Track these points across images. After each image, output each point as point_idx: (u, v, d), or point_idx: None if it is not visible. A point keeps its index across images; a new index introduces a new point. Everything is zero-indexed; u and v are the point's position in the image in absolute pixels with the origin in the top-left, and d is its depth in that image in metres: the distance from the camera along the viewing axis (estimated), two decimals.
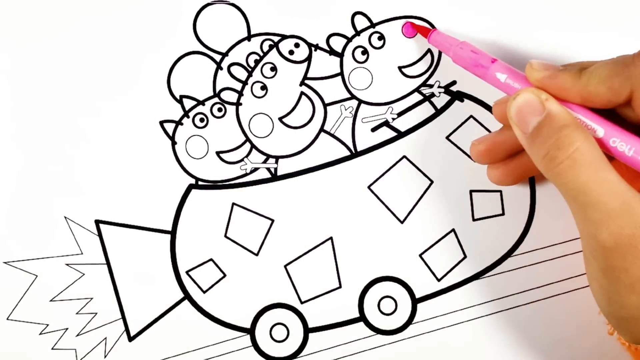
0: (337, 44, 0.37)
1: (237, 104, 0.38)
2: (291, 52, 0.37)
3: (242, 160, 0.38)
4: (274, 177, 0.38)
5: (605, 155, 0.28)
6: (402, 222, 0.37)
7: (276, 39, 0.37)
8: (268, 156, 0.38)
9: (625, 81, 0.28)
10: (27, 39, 0.37)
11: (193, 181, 0.38)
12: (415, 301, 0.38)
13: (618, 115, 0.30)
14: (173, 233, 0.38)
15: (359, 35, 0.37)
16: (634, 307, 0.28)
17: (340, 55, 0.37)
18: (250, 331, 0.38)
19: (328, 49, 0.37)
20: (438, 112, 0.37)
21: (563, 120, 0.28)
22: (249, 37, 0.37)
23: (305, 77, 0.37)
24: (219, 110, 0.37)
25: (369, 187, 0.37)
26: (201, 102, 0.37)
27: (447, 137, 0.37)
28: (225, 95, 0.37)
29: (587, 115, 0.29)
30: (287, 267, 0.38)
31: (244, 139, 0.38)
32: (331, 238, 0.38)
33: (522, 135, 0.29)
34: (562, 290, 0.37)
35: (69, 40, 0.37)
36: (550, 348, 0.37)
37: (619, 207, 0.27)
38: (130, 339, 0.38)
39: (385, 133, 0.37)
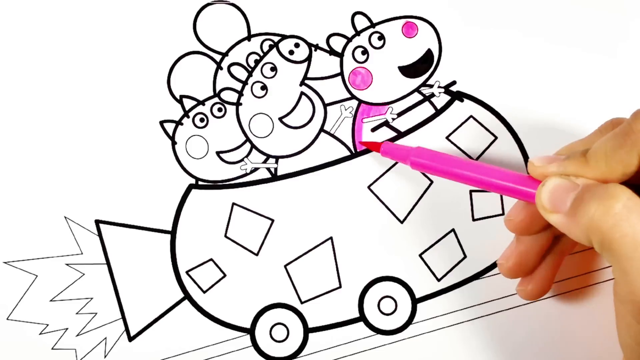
0: (337, 44, 0.37)
1: (237, 104, 0.38)
2: (291, 52, 0.37)
3: (242, 160, 0.38)
4: (274, 177, 0.38)
5: None
6: (402, 222, 0.37)
7: (276, 39, 0.37)
8: (268, 156, 0.38)
9: (631, 150, 0.27)
10: (27, 39, 0.37)
11: (193, 181, 0.38)
12: (415, 301, 0.38)
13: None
14: (173, 233, 0.38)
15: (359, 35, 0.37)
16: None
17: (340, 55, 0.37)
18: (250, 331, 0.38)
19: (328, 49, 0.37)
20: (438, 112, 0.37)
21: (601, 185, 0.28)
22: (249, 37, 0.37)
23: (305, 77, 0.37)
24: (219, 110, 0.37)
25: (369, 187, 0.37)
26: (201, 102, 0.37)
27: (447, 137, 0.37)
28: (225, 95, 0.37)
29: None
30: (287, 267, 0.38)
31: (244, 139, 0.38)
32: (331, 238, 0.38)
33: (558, 216, 0.29)
34: (562, 290, 0.37)
35: (69, 39, 0.37)
36: (550, 348, 0.37)
37: None
38: (130, 339, 0.38)
39: (385, 133, 0.37)
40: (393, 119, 0.37)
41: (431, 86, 0.37)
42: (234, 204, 0.38)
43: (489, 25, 0.37)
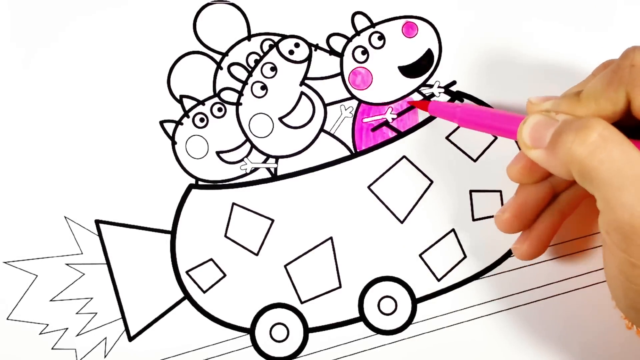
0: (337, 43, 0.37)
1: (237, 103, 0.38)
2: (291, 52, 0.37)
3: (242, 160, 0.38)
4: (274, 177, 0.38)
5: None
6: (402, 222, 0.37)
7: (276, 38, 0.37)
8: (268, 156, 0.38)
9: (619, 87, 0.28)
10: (26, 39, 0.37)
11: (193, 181, 0.38)
12: (415, 301, 0.38)
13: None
14: (173, 233, 0.38)
15: (359, 35, 0.37)
16: None
17: (340, 55, 0.37)
18: (250, 331, 0.38)
19: (328, 48, 0.37)
20: None
21: (578, 118, 0.28)
22: (249, 37, 0.37)
23: (305, 77, 0.37)
24: (219, 110, 0.38)
25: (369, 187, 0.37)
26: (201, 102, 0.37)
27: (447, 137, 0.37)
28: (225, 95, 0.38)
29: None
30: (287, 267, 0.38)
31: (244, 139, 0.38)
32: (331, 238, 0.38)
33: (538, 152, 0.29)
34: (562, 290, 0.37)
35: (68, 40, 0.37)
36: (550, 348, 0.37)
37: None
38: (130, 339, 0.38)
39: (385, 133, 0.37)
40: (393, 119, 0.37)
41: (431, 86, 0.37)
42: (234, 204, 0.38)
43: (489, 26, 0.37)
